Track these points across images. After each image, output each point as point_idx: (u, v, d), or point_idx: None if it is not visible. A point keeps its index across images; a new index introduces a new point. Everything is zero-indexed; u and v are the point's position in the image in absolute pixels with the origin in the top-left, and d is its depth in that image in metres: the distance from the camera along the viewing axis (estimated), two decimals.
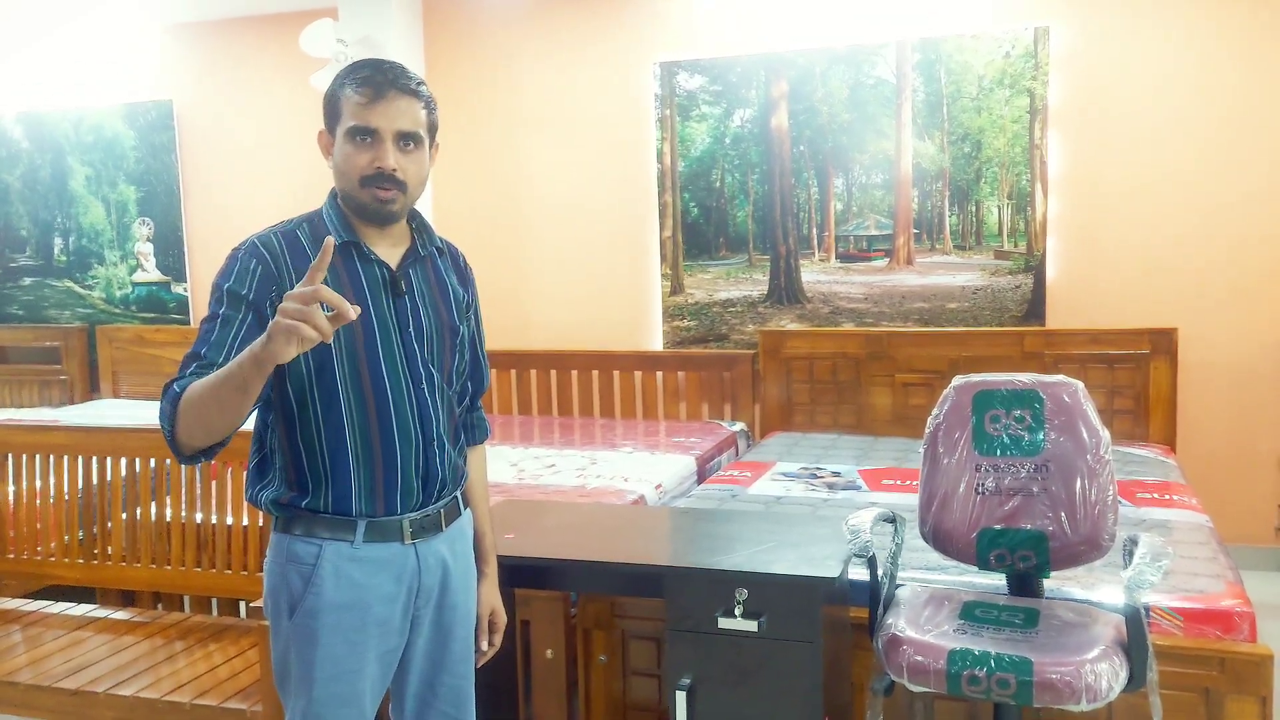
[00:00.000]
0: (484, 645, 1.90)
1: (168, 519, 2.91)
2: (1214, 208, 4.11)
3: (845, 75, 4.48)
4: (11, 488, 3.05)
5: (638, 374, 4.86)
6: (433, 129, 1.71)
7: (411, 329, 1.69)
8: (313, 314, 1.34)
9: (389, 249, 1.71)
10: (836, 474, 3.70)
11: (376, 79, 1.62)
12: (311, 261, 1.62)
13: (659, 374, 4.83)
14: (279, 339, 1.35)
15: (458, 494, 1.80)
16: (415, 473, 1.68)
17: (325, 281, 1.62)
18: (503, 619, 1.93)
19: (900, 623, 2.06)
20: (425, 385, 1.70)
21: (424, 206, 5.00)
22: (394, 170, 1.62)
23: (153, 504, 2.94)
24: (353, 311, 1.38)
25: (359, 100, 1.61)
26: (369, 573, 1.65)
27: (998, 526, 2.20)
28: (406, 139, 1.64)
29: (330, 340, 1.40)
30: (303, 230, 1.68)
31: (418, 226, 1.77)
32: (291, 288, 1.58)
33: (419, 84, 1.67)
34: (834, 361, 4.52)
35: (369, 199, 1.64)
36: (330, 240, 1.41)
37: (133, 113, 5.65)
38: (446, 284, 1.79)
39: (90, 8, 5.38)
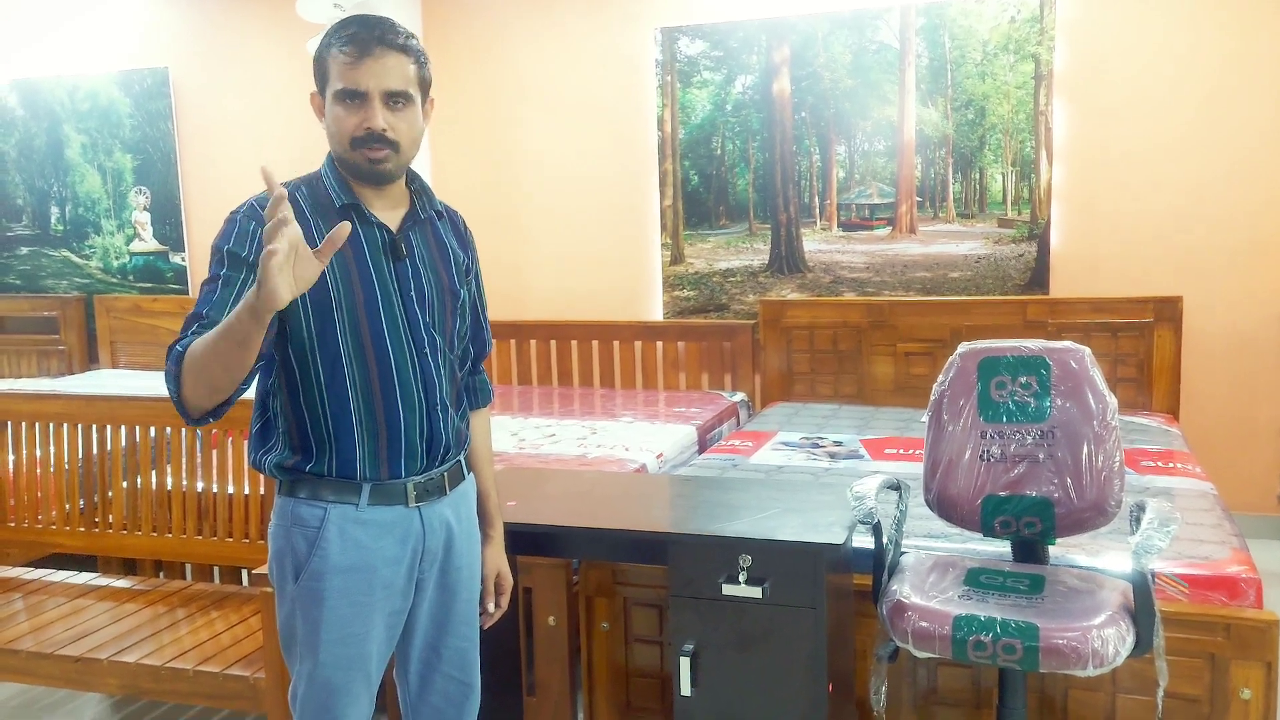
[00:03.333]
0: (490, 607, 1.90)
1: (168, 487, 2.90)
2: (1219, 174, 4.07)
3: (848, 40, 4.43)
4: (12, 456, 3.03)
5: (638, 344, 4.84)
6: (425, 84, 1.67)
7: (413, 292, 1.67)
8: (274, 231, 1.31)
9: (388, 211, 1.69)
10: (838, 443, 3.69)
11: (362, 36, 1.59)
12: (311, 224, 1.61)
13: (659, 344, 4.81)
14: (263, 274, 1.31)
15: (461, 458, 1.79)
16: (419, 436, 1.67)
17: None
18: (509, 581, 1.93)
19: (905, 589, 2.05)
20: (428, 349, 1.68)
21: (422, 175, 4.95)
22: (384, 130, 1.59)
23: (153, 472, 2.93)
24: (344, 229, 1.37)
25: (345, 60, 1.58)
26: (374, 535, 1.65)
27: (1003, 493, 2.19)
28: (395, 98, 1.61)
29: (323, 265, 1.38)
30: (301, 193, 1.66)
31: (417, 189, 1.75)
32: None
33: (407, 38, 1.63)
34: (835, 331, 4.50)
35: (361, 160, 1.61)
36: (270, 175, 1.38)
37: (128, 80, 5.59)
38: (447, 247, 1.77)
39: None
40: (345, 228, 1.38)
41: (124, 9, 5.58)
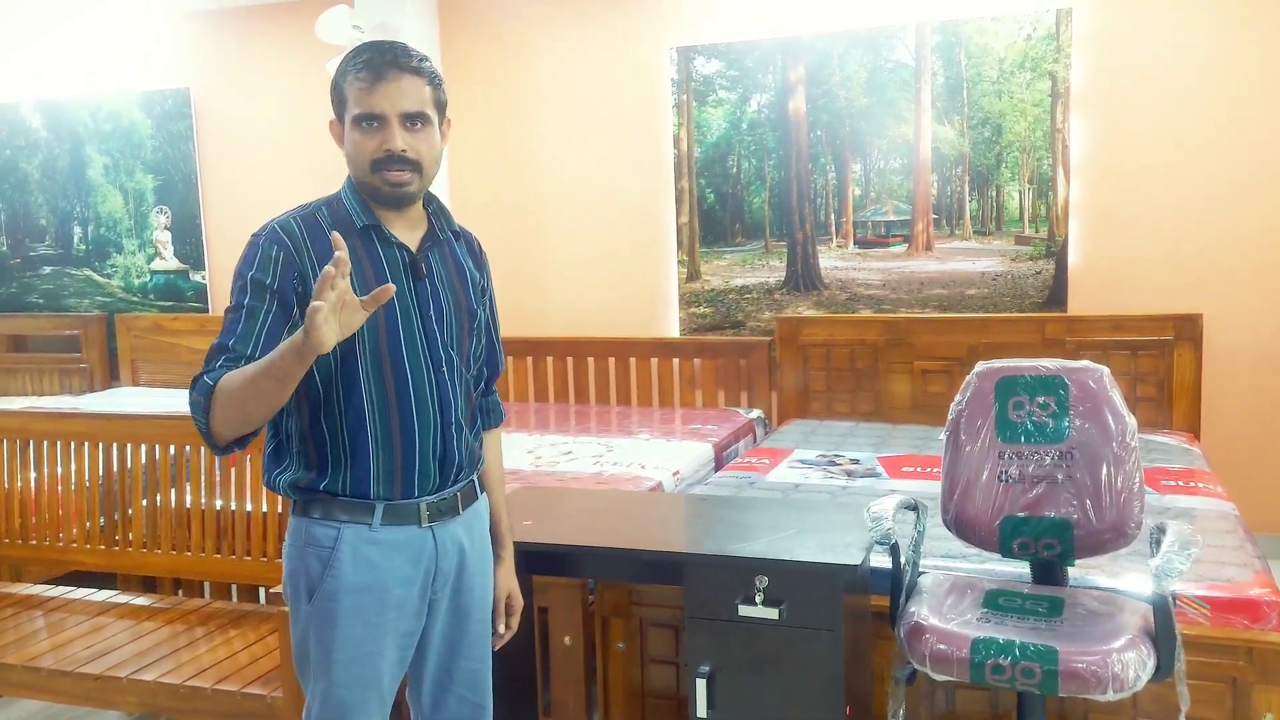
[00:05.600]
0: (501, 628, 1.90)
1: (187, 505, 2.92)
2: (1239, 190, 4.05)
3: (863, 58, 4.44)
4: (34, 474, 3.06)
5: (654, 361, 4.85)
6: (440, 106, 1.69)
7: (432, 312, 1.69)
8: (325, 292, 1.37)
9: (407, 232, 1.71)
10: (855, 461, 3.67)
11: (376, 61, 1.61)
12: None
13: (675, 361, 4.82)
14: (319, 331, 1.37)
15: (474, 478, 1.80)
16: (432, 456, 1.68)
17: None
18: (519, 602, 1.93)
19: (923, 611, 2.04)
20: (445, 368, 1.70)
21: (440, 193, 4.98)
22: (403, 151, 1.61)
23: (172, 491, 2.95)
24: (388, 290, 1.44)
25: (361, 85, 1.60)
26: (387, 555, 1.66)
27: (1021, 514, 2.17)
28: (413, 119, 1.62)
29: (368, 314, 1.45)
30: (322, 214, 1.67)
31: (435, 210, 1.77)
32: (314, 272, 1.59)
33: (420, 60, 1.65)
34: (852, 349, 4.49)
35: (381, 183, 1.63)
36: (337, 237, 1.44)
37: (150, 101, 5.66)
38: (464, 268, 1.78)
39: None
40: (390, 289, 1.44)
41: (146, 31, 5.66)
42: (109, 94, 5.73)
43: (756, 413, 4.60)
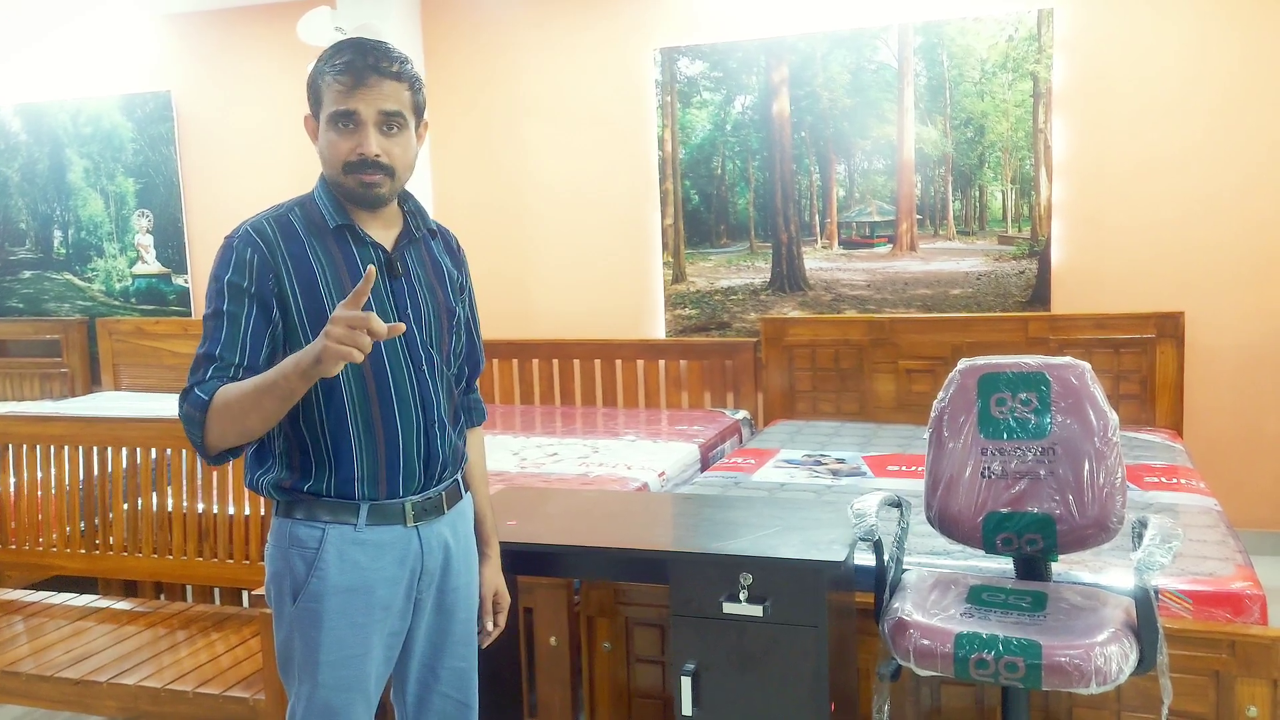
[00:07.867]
0: (489, 626, 1.89)
1: (169, 509, 2.90)
2: (1220, 190, 4.08)
3: (846, 59, 4.45)
4: (13, 479, 3.03)
5: (640, 363, 4.85)
6: (418, 109, 1.67)
7: (410, 311, 1.68)
8: (360, 338, 1.38)
9: (382, 231, 1.69)
10: (840, 461, 3.68)
11: (356, 63, 1.58)
12: (305, 245, 1.62)
13: (661, 362, 4.82)
14: (329, 362, 1.40)
15: (458, 477, 1.79)
16: (416, 454, 1.67)
17: (322, 264, 1.61)
18: (506, 600, 1.92)
19: (907, 607, 2.04)
20: (425, 367, 1.69)
21: (423, 196, 4.98)
22: (377, 155, 1.59)
23: (154, 494, 2.93)
24: (400, 328, 1.46)
25: (339, 89, 1.58)
26: (372, 556, 1.64)
27: (1004, 510, 2.18)
28: (389, 121, 1.61)
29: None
30: (295, 214, 1.66)
31: (410, 209, 1.75)
32: (288, 273, 1.58)
33: (402, 64, 1.62)
34: (837, 349, 4.50)
35: (354, 185, 1.62)
36: (372, 269, 1.42)
37: (131, 104, 5.62)
38: (441, 266, 1.77)
39: (89, 0, 5.37)
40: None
41: (127, 34, 5.62)
42: (89, 97, 5.69)
43: (742, 413, 4.60)
